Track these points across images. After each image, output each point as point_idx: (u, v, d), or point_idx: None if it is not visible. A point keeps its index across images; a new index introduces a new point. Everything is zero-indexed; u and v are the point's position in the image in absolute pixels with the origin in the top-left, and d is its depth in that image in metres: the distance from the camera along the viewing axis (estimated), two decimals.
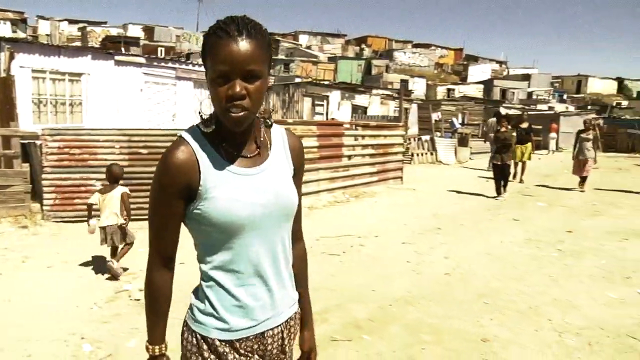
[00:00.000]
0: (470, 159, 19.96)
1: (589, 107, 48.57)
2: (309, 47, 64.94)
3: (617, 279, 5.87)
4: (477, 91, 52.01)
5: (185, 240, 1.60)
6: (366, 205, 10.08)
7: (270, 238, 1.54)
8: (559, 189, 13.07)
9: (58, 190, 8.31)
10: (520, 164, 14.28)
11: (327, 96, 20.10)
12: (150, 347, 1.58)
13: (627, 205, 11.00)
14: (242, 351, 1.54)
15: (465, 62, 68.71)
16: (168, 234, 1.52)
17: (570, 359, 3.89)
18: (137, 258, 6.26)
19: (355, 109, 21.09)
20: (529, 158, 14.43)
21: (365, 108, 21.56)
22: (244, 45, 1.38)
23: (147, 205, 1.64)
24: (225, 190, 1.46)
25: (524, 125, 14.30)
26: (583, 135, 12.93)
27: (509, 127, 12.16)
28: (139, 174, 8.49)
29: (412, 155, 17.69)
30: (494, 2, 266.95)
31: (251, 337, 1.54)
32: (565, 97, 58.87)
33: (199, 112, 1.58)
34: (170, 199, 1.47)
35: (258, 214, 1.48)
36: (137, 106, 13.90)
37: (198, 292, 1.59)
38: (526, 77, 61.54)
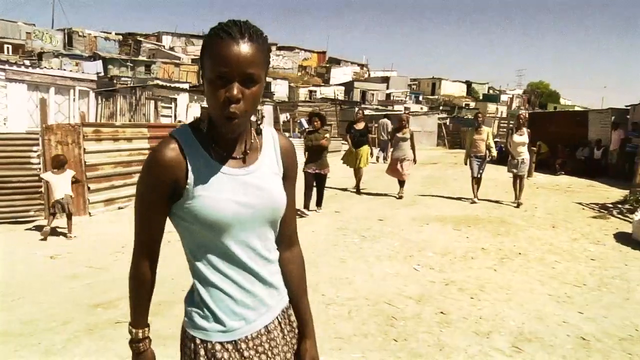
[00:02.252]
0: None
1: (441, 108, 52.08)
2: (172, 49, 63.78)
3: (400, 257, 6.68)
4: (338, 93, 53.86)
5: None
6: None
7: (256, 236, 1.54)
8: (386, 195, 13.90)
9: None
10: (358, 171, 12.26)
11: (175, 99, 20.13)
12: (133, 330, 1.63)
13: (443, 195, 12.21)
14: (247, 352, 1.53)
15: (328, 65, 70.87)
16: (152, 229, 1.53)
17: (327, 325, 4.48)
18: None
19: (204, 110, 20.99)
20: (365, 164, 12.23)
21: None
22: (245, 48, 1.38)
23: None
24: (212, 189, 1.46)
25: (359, 126, 12.17)
26: (399, 134, 11.61)
27: (324, 127, 9.82)
28: None
29: None
30: (356, 7, 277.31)
31: (254, 334, 1.55)
32: (421, 98, 62.54)
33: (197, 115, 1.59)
34: (155, 196, 1.47)
35: (244, 213, 1.49)
36: None
37: (193, 296, 1.59)
38: (385, 80, 64.57)
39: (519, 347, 4.14)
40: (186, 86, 28.53)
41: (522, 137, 11.03)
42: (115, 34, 61.32)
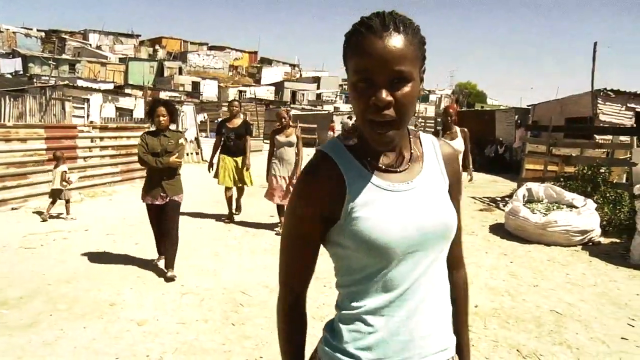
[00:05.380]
0: None
1: None
2: (99, 47, 62.42)
3: (276, 251, 6.86)
4: (268, 93, 54.14)
5: None
6: (98, 204, 10.35)
7: (423, 264, 1.31)
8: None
9: None
10: (236, 189, 8.93)
11: (88, 99, 19.90)
12: None
13: None
14: None
15: (259, 65, 71.00)
16: (305, 262, 1.40)
17: (174, 312, 4.76)
18: None
19: (119, 111, 21.10)
20: (250, 182, 8.73)
21: (132, 110, 21.68)
22: (391, 42, 1.18)
23: None
24: (374, 209, 1.26)
25: (234, 123, 8.58)
26: (281, 137, 7.83)
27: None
28: None
29: None
30: (287, 6, 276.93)
31: None
32: None
33: (342, 124, 1.40)
34: (312, 222, 1.31)
35: (412, 235, 1.27)
36: None
37: (333, 324, 1.39)
38: (316, 80, 65.16)
39: None
40: (109, 86, 28.19)
41: (455, 143, 7.28)
42: (37, 30, 59.45)
